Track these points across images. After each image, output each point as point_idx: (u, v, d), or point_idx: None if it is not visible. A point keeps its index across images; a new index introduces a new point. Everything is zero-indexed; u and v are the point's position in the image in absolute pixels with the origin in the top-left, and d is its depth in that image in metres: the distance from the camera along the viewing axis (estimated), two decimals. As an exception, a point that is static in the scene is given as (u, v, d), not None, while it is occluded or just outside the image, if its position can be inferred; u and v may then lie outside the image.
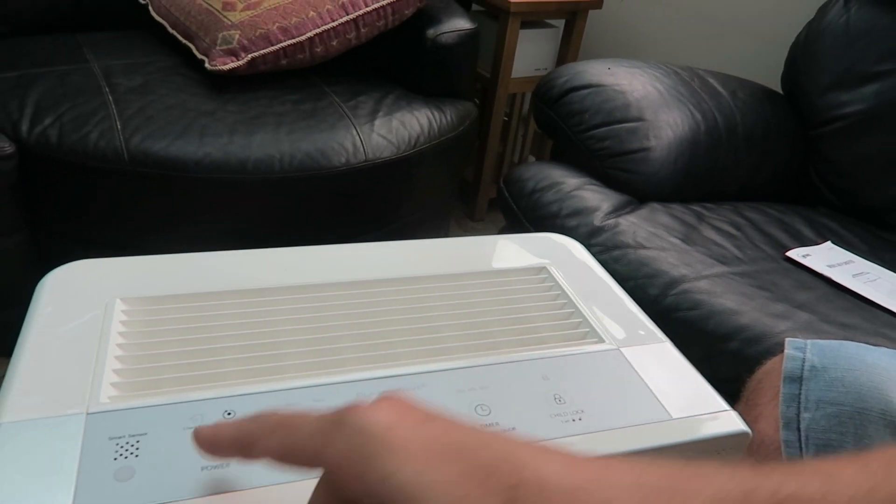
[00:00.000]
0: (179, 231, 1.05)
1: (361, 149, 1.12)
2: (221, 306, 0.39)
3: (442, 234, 1.56)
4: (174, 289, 0.40)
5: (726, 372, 0.58)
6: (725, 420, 0.37)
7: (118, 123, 1.01)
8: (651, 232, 0.79)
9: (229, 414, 0.32)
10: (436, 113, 1.28)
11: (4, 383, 0.33)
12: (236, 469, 0.30)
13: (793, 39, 1.23)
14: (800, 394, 0.48)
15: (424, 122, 1.24)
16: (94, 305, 0.38)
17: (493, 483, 0.19)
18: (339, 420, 0.22)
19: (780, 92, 1.23)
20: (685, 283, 0.71)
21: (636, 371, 0.39)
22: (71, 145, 0.98)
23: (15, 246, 1.04)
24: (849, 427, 0.45)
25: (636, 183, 0.88)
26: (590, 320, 0.43)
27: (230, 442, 0.26)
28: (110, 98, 1.07)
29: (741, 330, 0.66)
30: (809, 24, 1.20)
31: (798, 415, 0.47)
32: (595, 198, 0.83)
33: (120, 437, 0.30)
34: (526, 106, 1.83)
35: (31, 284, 0.41)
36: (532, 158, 1.88)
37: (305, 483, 0.29)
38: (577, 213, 0.80)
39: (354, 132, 1.14)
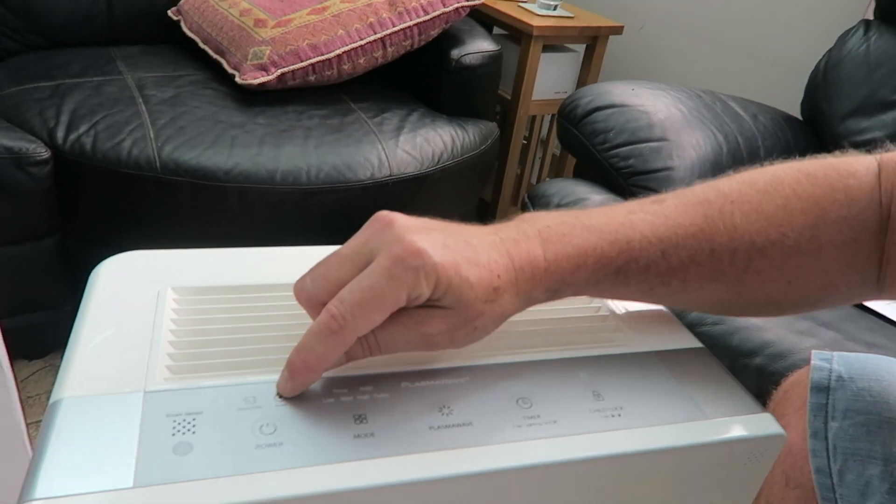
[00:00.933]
0: (208, 239, 1.07)
1: (386, 163, 1.14)
2: (267, 298, 0.41)
3: (460, 251, 1.57)
4: (222, 280, 0.42)
5: (751, 386, 0.58)
6: (761, 422, 0.38)
7: (151, 133, 1.04)
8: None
9: (280, 397, 0.33)
10: (458, 131, 1.30)
11: (64, 363, 0.34)
12: (290, 448, 0.31)
13: (812, 67, 1.25)
14: (827, 403, 0.48)
15: (448, 139, 1.26)
16: (145, 294, 0.40)
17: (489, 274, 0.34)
18: (412, 267, 0.31)
19: (800, 118, 1.24)
20: (709, 300, 0.71)
21: (672, 373, 0.40)
22: (105, 153, 1.01)
23: (45, 250, 1.06)
24: (878, 436, 0.45)
25: (659, 201, 0.90)
26: (626, 324, 0.43)
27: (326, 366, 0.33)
28: (143, 109, 1.10)
29: (766, 346, 0.66)
30: (830, 51, 1.21)
31: (826, 424, 0.47)
32: (619, 214, 0.84)
33: (177, 415, 0.31)
34: (545, 128, 1.86)
35: (57, 288, 0.42)
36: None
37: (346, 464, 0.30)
38: (602, 228, 0.81)
39: (380, 147, 1.16)
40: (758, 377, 0.64)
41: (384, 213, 0.34)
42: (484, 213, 1.76)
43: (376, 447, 0.32)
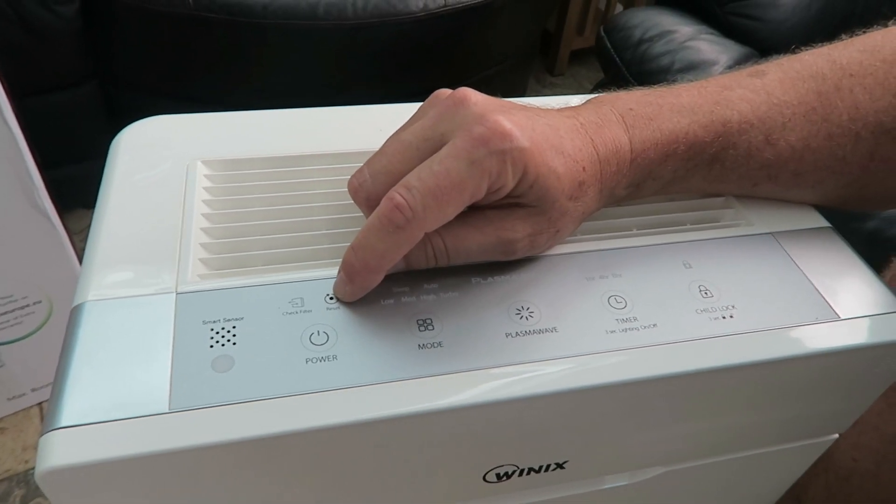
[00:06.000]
0: (249, 84, 1.00)
1: (441, -8, 1.01)
2: (316, 172, 0.35)
3: (520, 90, 1.46)
4: (259, 150, 0.36)
5: (862, 254, 0.51)
6: (904, 322, 0.31)
7: (180, -37, 0.93)
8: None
9: (332, 299, 0.29)
10: (521, -50, 1.14)
11: (85, 258, 0.30)
12: (344, 362, 0.26)
13: None
14: None
15: (509, -39, 1.11)
16: (172, 169, 0.34)
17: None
18: (497, 151, 0.26)
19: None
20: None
21: (793, 261, 0.33)
22: (132, -12, 0.91)
23: (85, 97, 1.01)
24: None
25: (761, 33, 0.77)
26: (737, 199, 0.36)
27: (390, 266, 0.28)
28: (169, -66, 0.98)
29: (880, 207, 0.57)
30: None
31: None
32: (713, 50, 0.72)
33: (214, 322, 0.27)
34: (618, -57, 1.63)
35: (106, 137, 0.37)
36: (621, 7, 1.70)
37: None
38: (692, 67, 0.71)
39: (432, -28, 1.02)
40: (870, 243, 0.56)
41: (450, 91, 0.29)
42: (547, 46, 1.61)
43: (444, 360, 0.27)
